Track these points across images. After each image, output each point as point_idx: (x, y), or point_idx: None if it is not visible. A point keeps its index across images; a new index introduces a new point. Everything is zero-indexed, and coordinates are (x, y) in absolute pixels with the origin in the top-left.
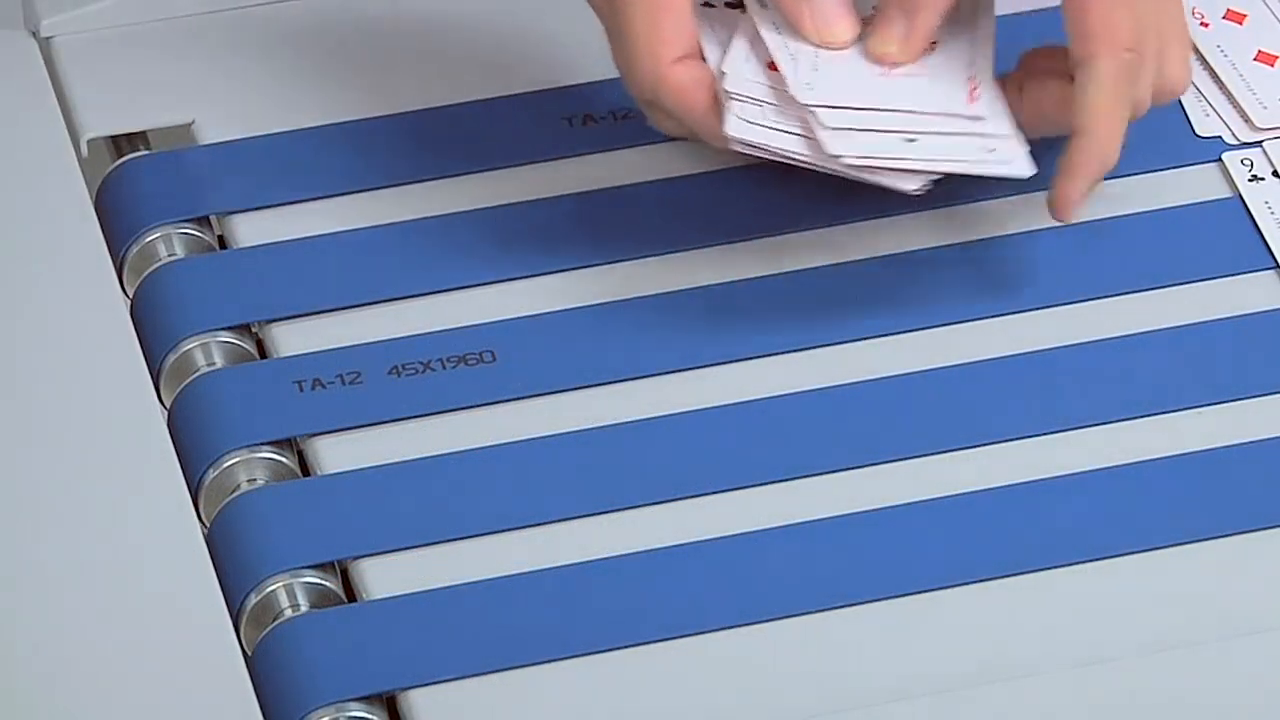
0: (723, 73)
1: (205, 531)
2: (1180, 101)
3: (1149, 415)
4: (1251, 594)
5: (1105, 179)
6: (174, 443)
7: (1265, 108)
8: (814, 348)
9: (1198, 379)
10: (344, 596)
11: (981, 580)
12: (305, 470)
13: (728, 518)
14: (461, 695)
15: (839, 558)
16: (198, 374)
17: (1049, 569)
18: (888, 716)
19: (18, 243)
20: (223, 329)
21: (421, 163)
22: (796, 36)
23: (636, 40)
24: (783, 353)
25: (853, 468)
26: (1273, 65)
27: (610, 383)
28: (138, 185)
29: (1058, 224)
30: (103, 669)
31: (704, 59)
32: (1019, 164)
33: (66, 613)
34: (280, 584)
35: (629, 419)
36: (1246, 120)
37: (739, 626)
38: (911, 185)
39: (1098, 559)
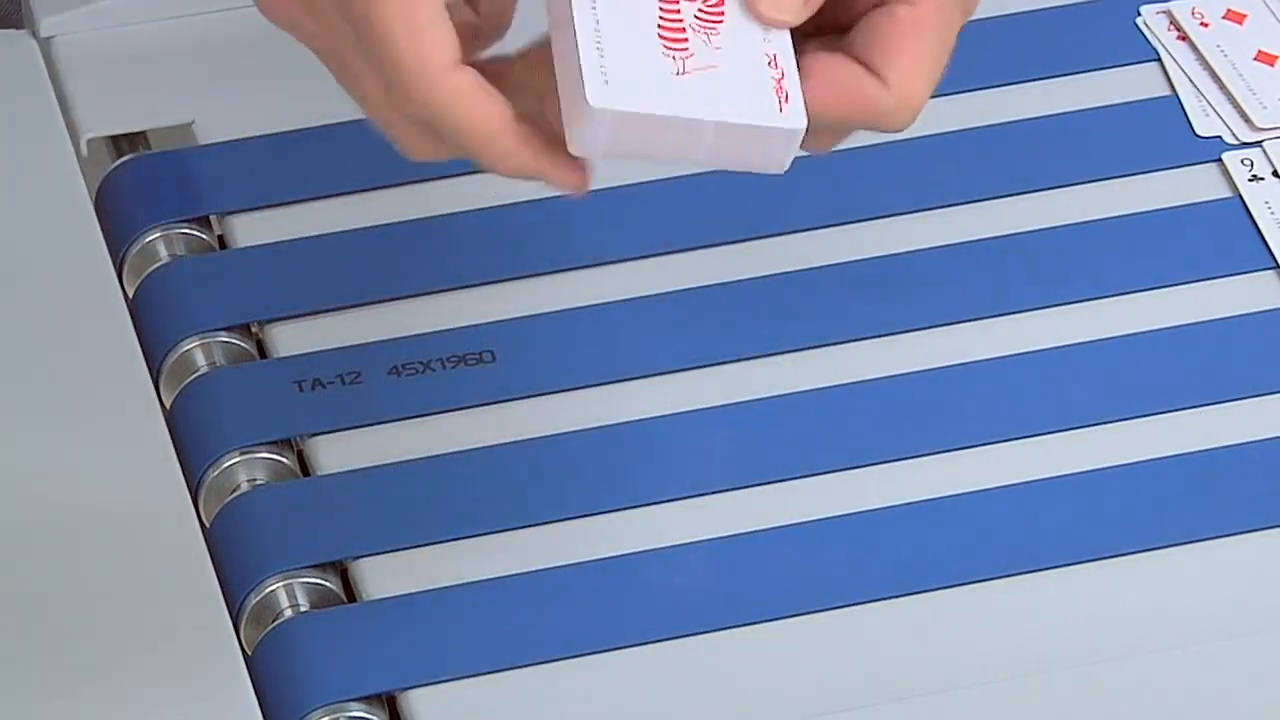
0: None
1: (205, 531)
2: (1180, 101)
3: (1149, 415)
4: (1251, 594)
5: (1106, 178)
6: (174, 443)
7: (1265, 108)
8: (815, 347)
9: (1198, 379)
10: (344, 596)
11: (981, 580)
12: (305, 470)
13: (728, 517)
14: (461, 695)
15: (839, 558)
16: (198, 374)
17: (1049, 569)
18: (888, 716)
19: (18, 243)
20: (223, 329)
21: (422, 162)
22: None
23: (396, 48)
24: (783, 352)
25: (853, 468)
26: (1273, 65)
27: (610, 383)
28: (138, 185)
29: (1058, 224)
30: (103, 669)
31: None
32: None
33: (66, 613)
34: (280, 584)
35: (628, 419)
36: (1246, 120)
37: (739, 626)
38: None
39: (1098, 559)
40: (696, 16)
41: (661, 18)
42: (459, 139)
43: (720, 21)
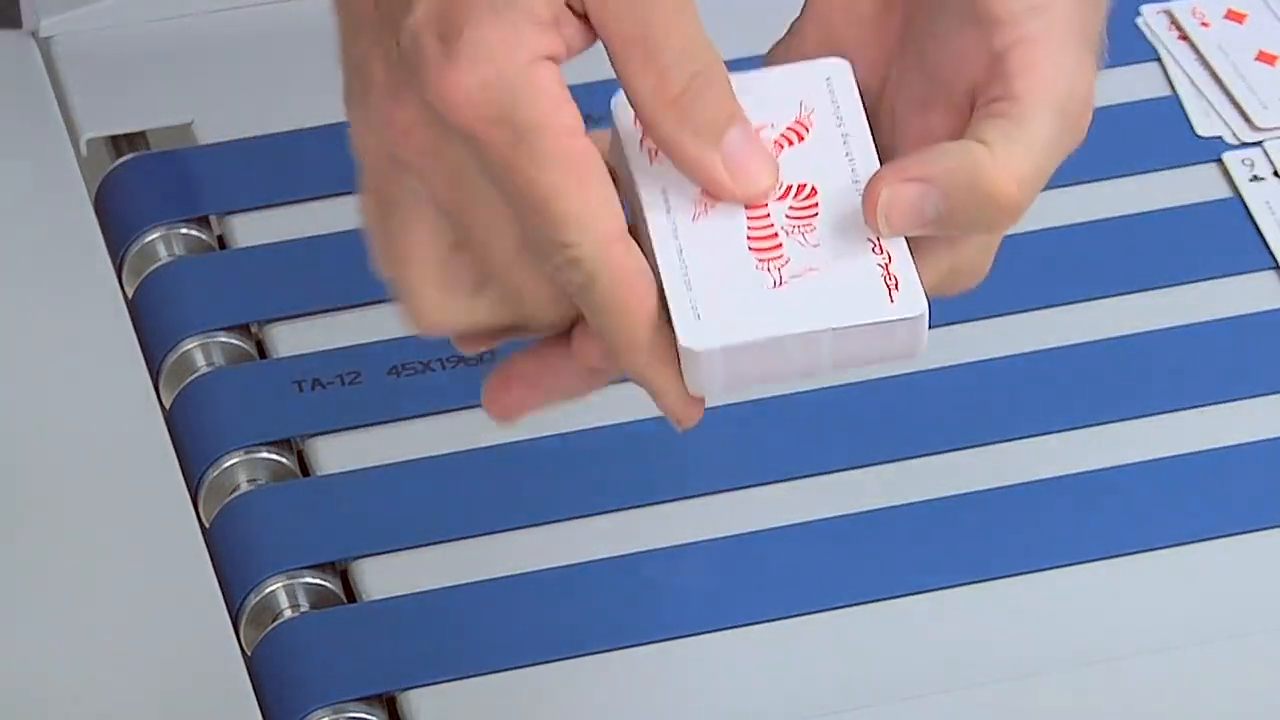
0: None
1: (205, 531)
2: (1180, 101)
3: (1149, 415)
4: (1251, 594)
5: (1106, 178)
6: (174, 443)
7: (1266, 107)
8: None
9: (1198, 379)
10: (344, 596)
11: (981, 580)
12: (305, 470)
13: (728, 518)
14: (461, 695)
15: (839, 558)
16: (198, 374)
17: (1049, 569)
18: (888, 716)
19: (18, 243)
20: (223, 329)
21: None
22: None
23: (567, 207)
24: None
25: (853, 468)
26: (1273, 65)
27: (609, 382)
28: (137, 185)
29: (1058, 224)
30: (103, 669)
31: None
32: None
33: (66, 612)
34: (280, 584)
35: (628, 419)
36: (1247, 120)
37: (739, 626)
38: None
39: (1097, 559)
40: (788, 216)
41: (750, 227)
42: (603, 314)
43: (815, 214)
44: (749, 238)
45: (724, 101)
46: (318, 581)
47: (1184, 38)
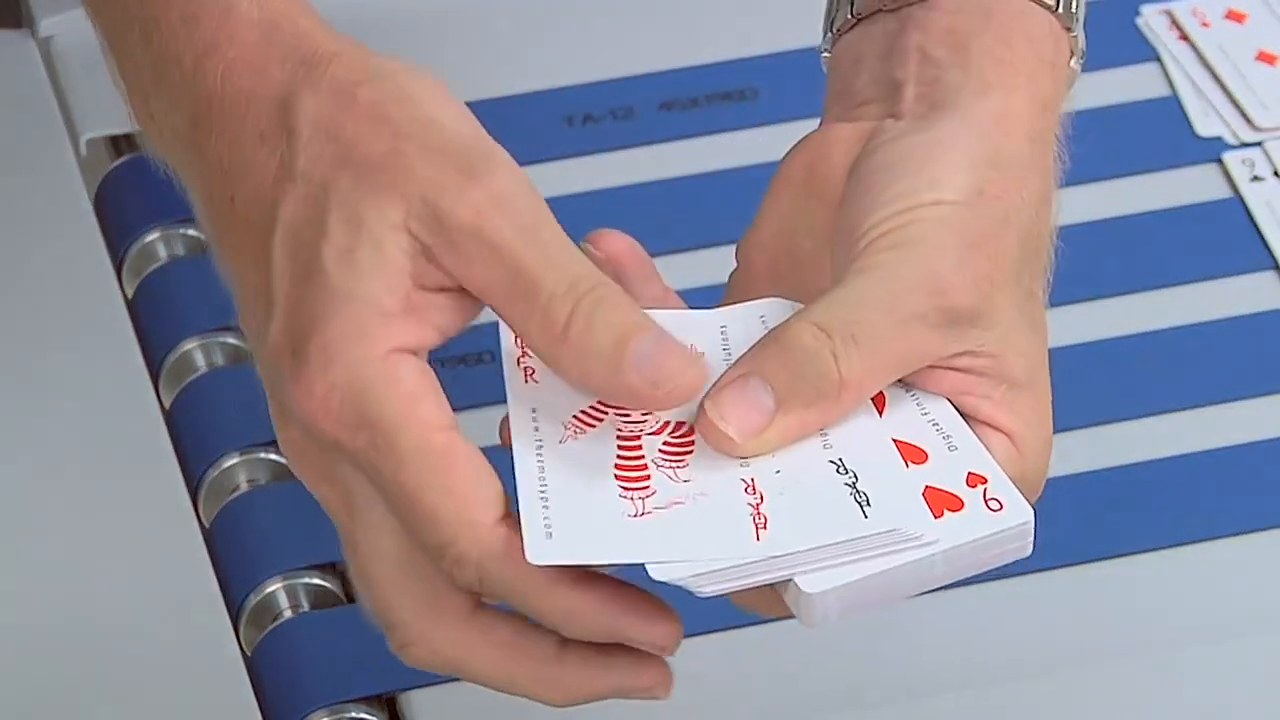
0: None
1: (205, 531)
2: (1180, 101)
3: (1149, 415)
4: (1251, 594)
5: (1107, 178)
6: (174, 443)
7: (1266, 107)
8: None
9: (1198, 379)
10: (344, 596)
11: (983, 580)
12: None
13: None
14: (461, 695)
15: None
16: (198, 374)
17: (1051, 569)
18: (891, 716)
19: (17, 243)
20: (223, 329)
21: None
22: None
23: (434, 506)
24: None
25: None
26: (1273, 65)
27: None
28: (137, 185)
29: (1059, 224)
30: (103, 669)
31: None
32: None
33: (67, 613)
34: (280, 584)
35: None
36: (1247, 120)
37: (740, 627)
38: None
39: (1099, 559)
40: (661, 450)
41: (620, 456)
42: (513, 598)
43: (689, 451)
44: (617, 466)
45: (620, 314)
46: (318, 581)
47: (1184, 38)
